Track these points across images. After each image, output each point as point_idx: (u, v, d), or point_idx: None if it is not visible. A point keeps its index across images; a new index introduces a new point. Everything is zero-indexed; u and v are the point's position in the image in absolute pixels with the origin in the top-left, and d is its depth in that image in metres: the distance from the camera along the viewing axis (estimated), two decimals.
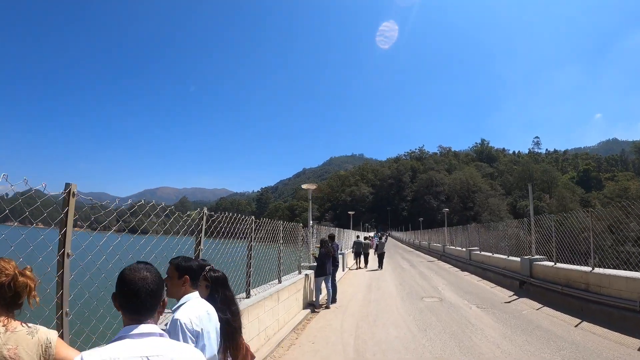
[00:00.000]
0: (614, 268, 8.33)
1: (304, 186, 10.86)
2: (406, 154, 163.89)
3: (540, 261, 10.83)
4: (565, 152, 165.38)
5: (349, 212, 27.21)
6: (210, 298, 2.67)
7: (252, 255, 5.90)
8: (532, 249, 11.43)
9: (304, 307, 8.91)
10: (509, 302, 9.97)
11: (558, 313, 8.43)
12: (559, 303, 9.13)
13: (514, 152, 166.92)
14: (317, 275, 9.27)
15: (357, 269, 19.42)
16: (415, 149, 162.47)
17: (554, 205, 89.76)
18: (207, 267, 2.81)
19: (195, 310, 2.24)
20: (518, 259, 12.05)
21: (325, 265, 9.20)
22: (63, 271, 2.50)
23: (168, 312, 2.30)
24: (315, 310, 9.08)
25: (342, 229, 22.66)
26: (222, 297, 2.66)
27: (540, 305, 9.30)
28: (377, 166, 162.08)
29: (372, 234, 48.97)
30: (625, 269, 7.85)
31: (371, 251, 22.65)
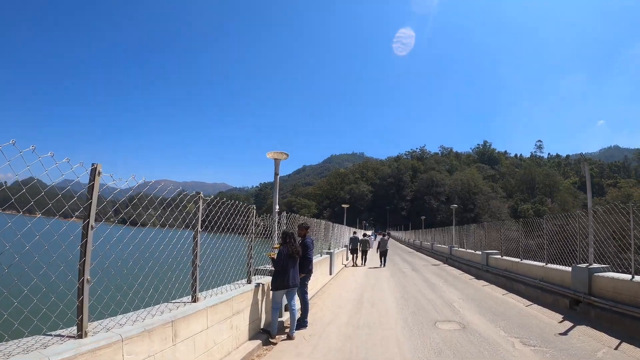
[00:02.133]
0: None
1: (268, 155, 7.49)
2: (407, 153, 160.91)
3: (605, 272, 7.57)
4: (568, 157, 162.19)
5: (343, 205, 23.67)
6: None
7: (90, 247, 2.59)
8: (589, 255, 8.13)
9: (252, 337, 5.61)
10: (565, 333, 6.68)
11: None
12: None
13: (516, 155, 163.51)
14: (274, 288, 5.93)
15: (352, 266, 18.60)
16: (417, 149, 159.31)
17: (556, 210, 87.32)
18: None
19: None
20: (566, 268, 8.78)
21: (288, 272, 5.86)
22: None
23: None
24: (271, 340, 5.80)
25: (334, 224, 19.24)
26: None
27: (618, 341, 6.07)
28: (378, 165, 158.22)
29: (369, 232, 45.75)
30: None
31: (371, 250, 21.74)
